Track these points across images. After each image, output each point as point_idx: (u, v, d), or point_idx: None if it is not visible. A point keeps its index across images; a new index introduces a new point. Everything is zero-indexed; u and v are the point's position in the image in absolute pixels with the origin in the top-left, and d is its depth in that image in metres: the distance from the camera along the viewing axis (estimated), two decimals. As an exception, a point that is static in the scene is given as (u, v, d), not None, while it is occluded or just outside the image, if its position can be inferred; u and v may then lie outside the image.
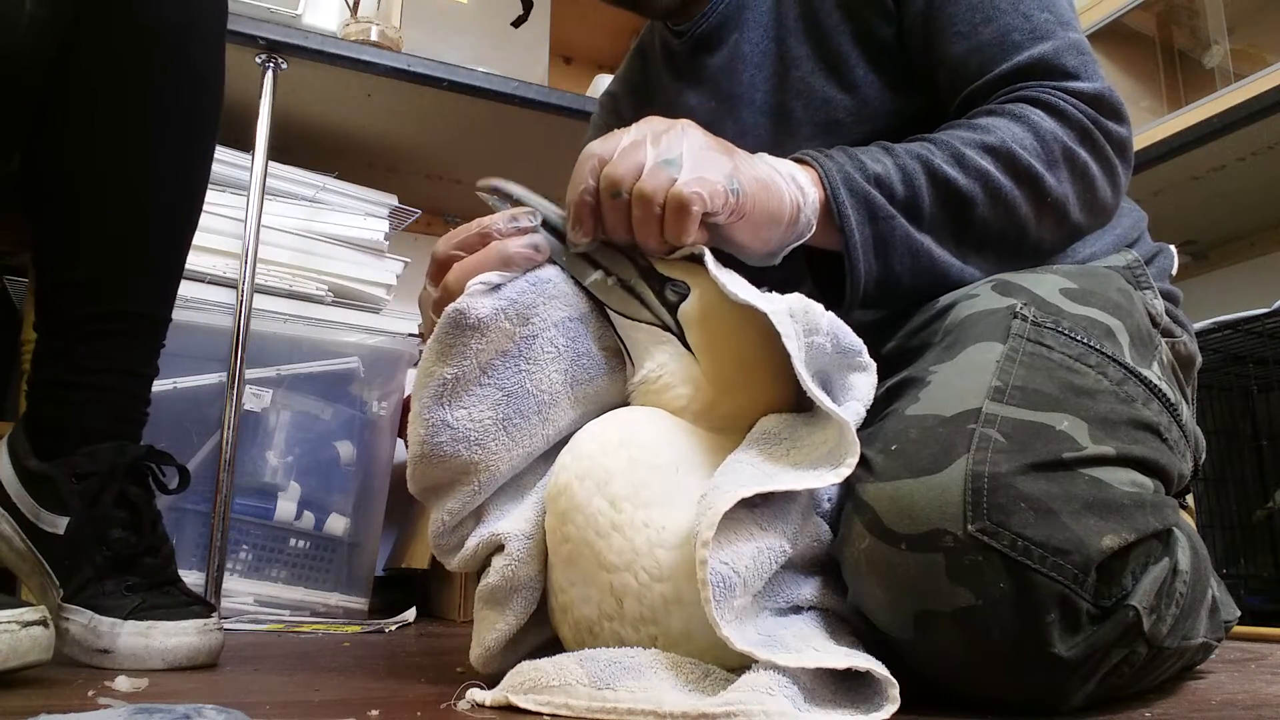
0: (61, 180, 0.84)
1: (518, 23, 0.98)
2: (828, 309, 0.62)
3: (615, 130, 0.61)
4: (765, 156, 0.64)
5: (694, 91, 0.89)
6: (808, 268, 0.71)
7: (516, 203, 0.63)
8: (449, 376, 0.59)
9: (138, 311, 0.87)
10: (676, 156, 0.58)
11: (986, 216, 0.67)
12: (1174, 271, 0.83)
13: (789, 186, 0.63)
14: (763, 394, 0.62)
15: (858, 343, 0.62)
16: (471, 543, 0.62)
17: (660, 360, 0.61)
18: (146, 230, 0.87)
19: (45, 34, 0.78)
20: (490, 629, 0.61)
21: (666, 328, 0.61)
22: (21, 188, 0.84)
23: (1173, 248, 0.83)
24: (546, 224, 0.62)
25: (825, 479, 0.53)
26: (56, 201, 0.84)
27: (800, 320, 0.57)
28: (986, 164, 0.66)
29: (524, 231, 0.60)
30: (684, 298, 0.60)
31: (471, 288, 0.59)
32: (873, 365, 0.61)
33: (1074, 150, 0.69)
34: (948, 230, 0.67)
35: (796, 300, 0.58)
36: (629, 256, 0.62)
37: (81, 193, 0.84)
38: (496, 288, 0.60)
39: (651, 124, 0.60)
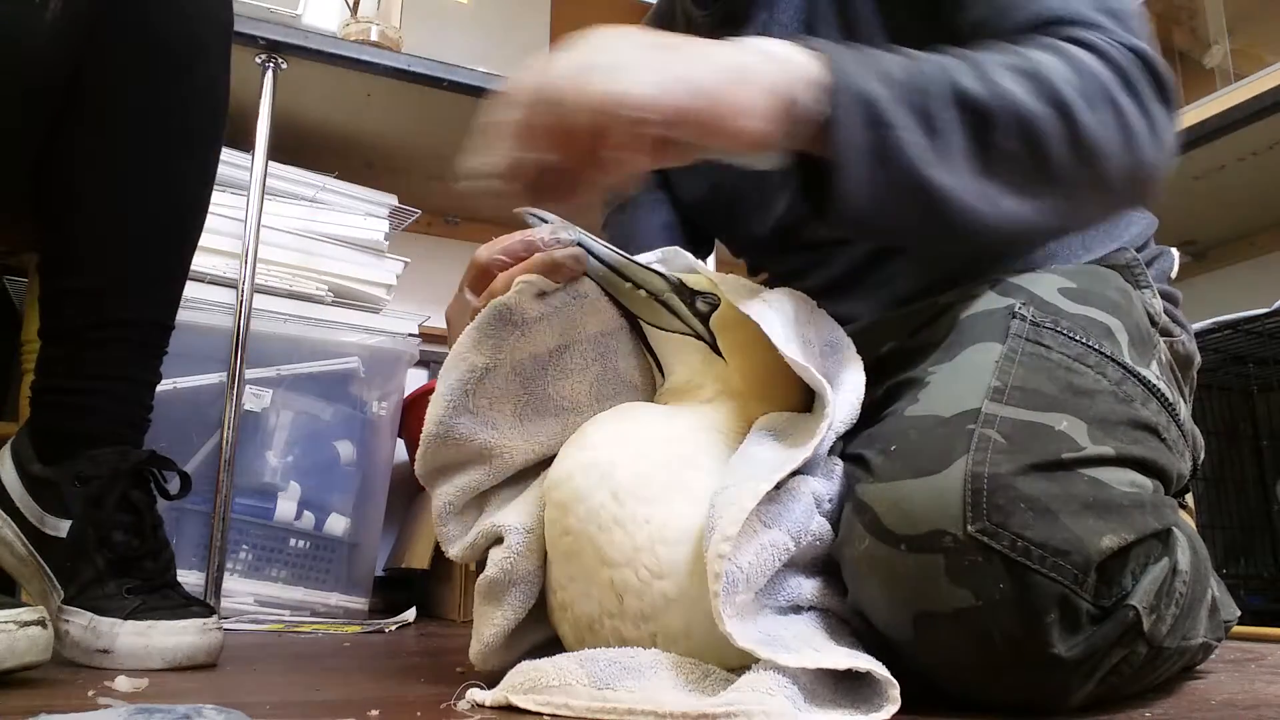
0: (71, 189, 0.85)
1: None
2: (816, 218, 0.59)
3: None
4: (752, 41, 0.57)
5: None
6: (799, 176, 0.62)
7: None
8: (480, 365, 0.62)
9: (142, 319, 0.88)
10: (609, 61, 0.51)
11: (1011, 145, 0.57)
12: (1174, 274, 0.83)
13: (773, 70, 0.54)
14: (788, 391, 0.63)
15: (840, 336, 0.63)
16: (474, 532, 0.63)
17: (692, 365, 0.64)
18: (153, 241, 0.88)
19: (64, 40, 0.79)
20: (488, 624, 0.61)
21: (699, 336, 0.64)
22: (32, 193, 0.85)
23: (1174, 251, 0.83)
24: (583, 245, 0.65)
25: (818, 435, 0.55)
26: (65, 209, 0.85)
27: (788, 316, 0.60)
28: (1016, 86, 0.57)
29: (565, 245, 0.62)
30: (714, 308, 0.64)
31: (520, 286, 0.61)
32: (858, 359, 0.63)
33: (1115, 95, 0.59)
34: (964, 151, 0.57)
35: (783, 296, 0.62)
36: (659, 273, 0.64)
37: (90, 202, 0.85)
38: (543, 294, 0.63)
39: (587, 32, 0.54)
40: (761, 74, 0.54)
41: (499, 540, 0.61)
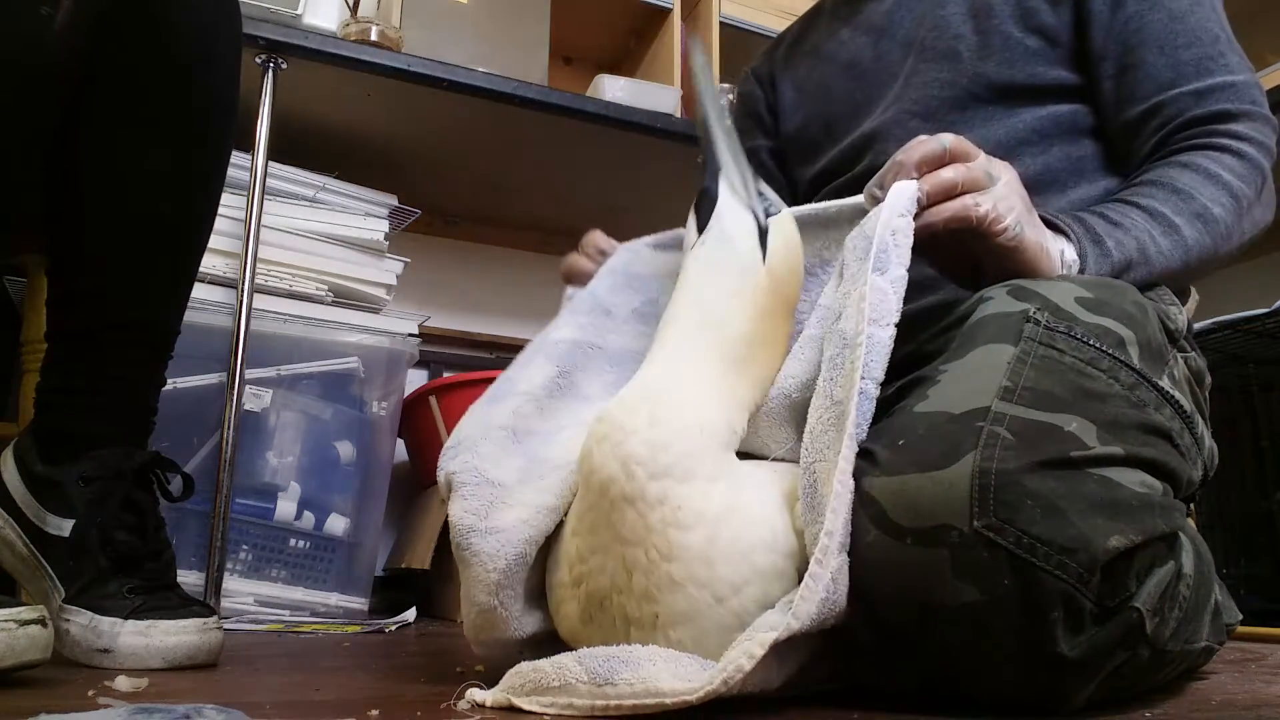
0: (81, 193, 0.85)
1: None
2: None
3: None
4: (1047, 234, 0.71)
5: (848, 28, 1.03)
6: None
7: None
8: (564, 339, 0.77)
9: (149, 321, 0.88)
10: (998, 180, 0.66)
11: (1192, 269, 0.78)
12: (1192, 309, 0.85)
13: (1055, 262, 0.70)
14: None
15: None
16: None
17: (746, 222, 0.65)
18: (162, 245, 0.88)
19: (73, 49, 0.79)
20: (470, 604, 0.65)
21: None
22: (41, 197, 0.85)
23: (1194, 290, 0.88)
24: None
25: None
26: (75, 213, 0.85)
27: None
28: (1192, 231, 0.77)
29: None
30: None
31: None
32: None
33: (1252, 199, 0.81)
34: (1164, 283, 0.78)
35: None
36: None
37: (100, 206, 0.85)
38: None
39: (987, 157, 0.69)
40: (1051, 260, 0.69)
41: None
